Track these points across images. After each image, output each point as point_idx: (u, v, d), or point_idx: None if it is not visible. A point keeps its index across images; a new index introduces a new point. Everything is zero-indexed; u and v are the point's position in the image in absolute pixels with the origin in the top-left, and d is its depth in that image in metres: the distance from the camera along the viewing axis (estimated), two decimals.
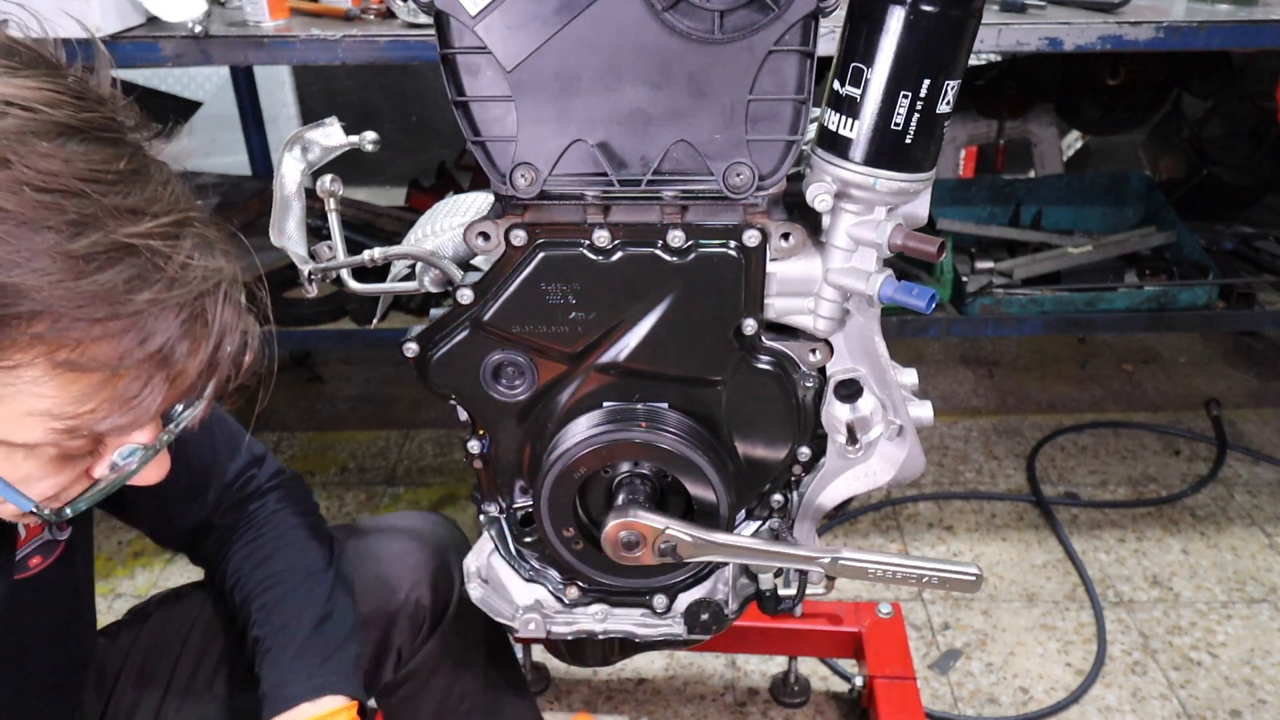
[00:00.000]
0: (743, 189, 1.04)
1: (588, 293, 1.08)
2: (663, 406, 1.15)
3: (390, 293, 1.17)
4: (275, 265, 2.51)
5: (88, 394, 0.76)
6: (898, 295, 1.04)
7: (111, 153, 0.77)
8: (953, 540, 2.41)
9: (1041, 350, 3.26)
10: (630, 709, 1.98)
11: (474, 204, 1.19)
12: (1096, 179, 2.87)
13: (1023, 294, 2.41)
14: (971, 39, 0.98)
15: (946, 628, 2.15)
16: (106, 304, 0.73)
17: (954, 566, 1.13)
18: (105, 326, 0.74)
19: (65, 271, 0.71)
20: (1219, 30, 1.91)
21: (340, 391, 3.07)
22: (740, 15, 0.96)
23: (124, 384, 0.77)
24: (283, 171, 1.07)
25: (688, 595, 1.29)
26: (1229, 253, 2.69)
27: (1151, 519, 2.48)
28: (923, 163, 1.03)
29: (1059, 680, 2.02)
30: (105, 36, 1.85)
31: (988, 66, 3.20)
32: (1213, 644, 2.10)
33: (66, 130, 0.75)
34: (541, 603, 1.29)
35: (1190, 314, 2.44)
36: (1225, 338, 3.29)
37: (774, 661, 2.05)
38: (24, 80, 0.75)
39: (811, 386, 1.15)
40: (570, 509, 1.17)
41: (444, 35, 1.00)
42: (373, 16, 1.97)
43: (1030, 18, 1.93)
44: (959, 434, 2.82)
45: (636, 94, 1.01)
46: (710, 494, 1.14)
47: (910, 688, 1.77)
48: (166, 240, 0.76)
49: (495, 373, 1.13)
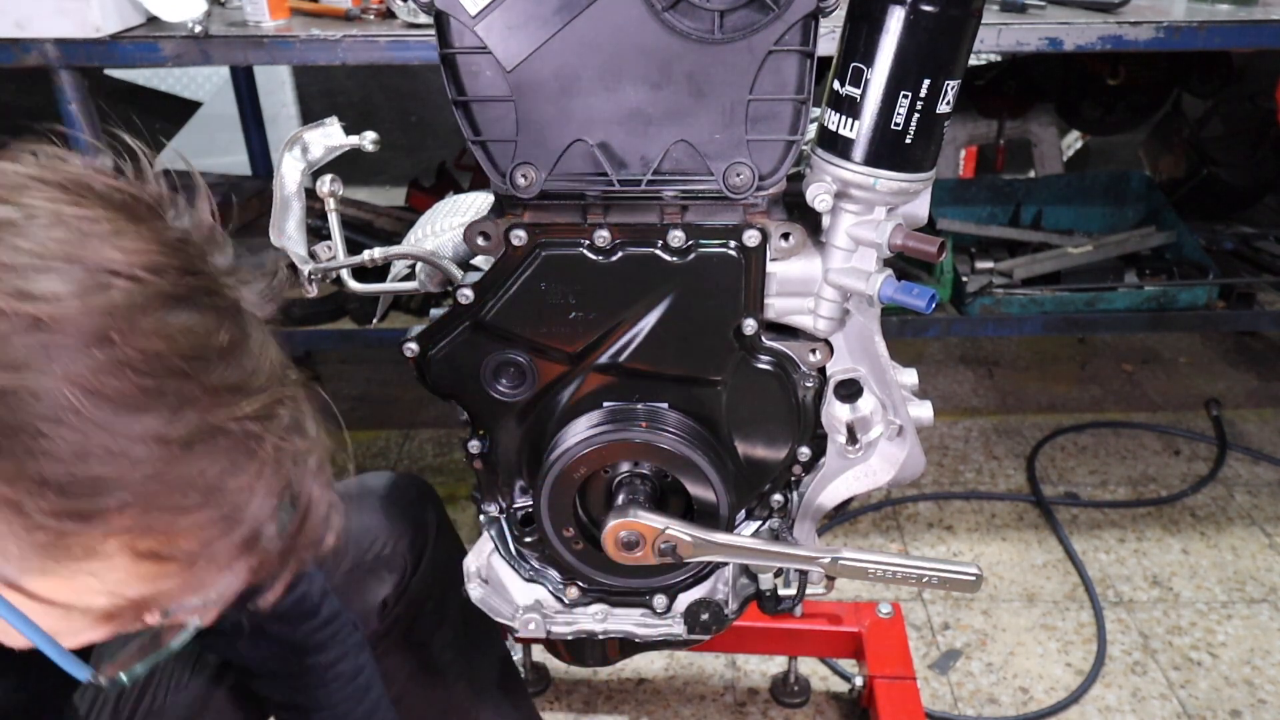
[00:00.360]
0: (743, 189, 1.04)
1: (588, 293, 1.08)
2: (663, 406, 1.15)
3: (390, 293, 1.17)
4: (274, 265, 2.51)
5: (164, 576, 0.72)
6: (898, 295, 1.04)
7: (214, 322, 0.71)
8: (953, 540, 2.41)
9: (1041, 350, 3.26)
10: (630, 709, 1.98)
11: (474, 204, 1.19)
12: (1096, 179, 2.87)
13: (1023, 294, 2.41)
14: (971, 39, 0.98)
15: (946, 628, 2.15)
16: (198, 493, 0.69)
17: (954, 566, 1.13)
18: (194, 516, 0.70)
19: (160, 460, 0.66)
20: (1219, 30, 1.90)
21: (340, 391, 3.07)
22: (740, 15, 0.96)
23: (203, 568, 0.73)
24: (283, 171, 1.07)
25: (688, 595, 1.29)
26: (1229, 253, 2.69)
27: (1151, 519, 2.48)
28: (923, 163, 1.03)
29: (1059, 680, 2.02)
30: (105, 36, 1.85)
31: (988, 66, 3.20)
32: (1213, 644, 2.10)
33: (170, 300, 0.69)
34: (541, 603, 1.29)
35: (1190, 314, 2.44)
36: (1225, 338, 3.28)
37: (774, 661, 2.05)
38: (127, 242, 0.69)
39: (811, 386, 1.15)
40: (570, 509, 1.17)
41: (444, 35, 1.00)
42: (373, 16, 1.97)
43: (1030, 18, 1.93)
44: (959, 434, 2.82)
45: (636, 94, 1.01)
46: (710, 494, 1.14)
47: (910, 688, 1.77)
48: (262, 421, 0.72)
49: (495, 373, 1.13)
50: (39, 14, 1.82)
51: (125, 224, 0.71)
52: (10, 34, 1.83)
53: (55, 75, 1.90)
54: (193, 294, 0.71)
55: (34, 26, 1.83)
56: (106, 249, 0.68)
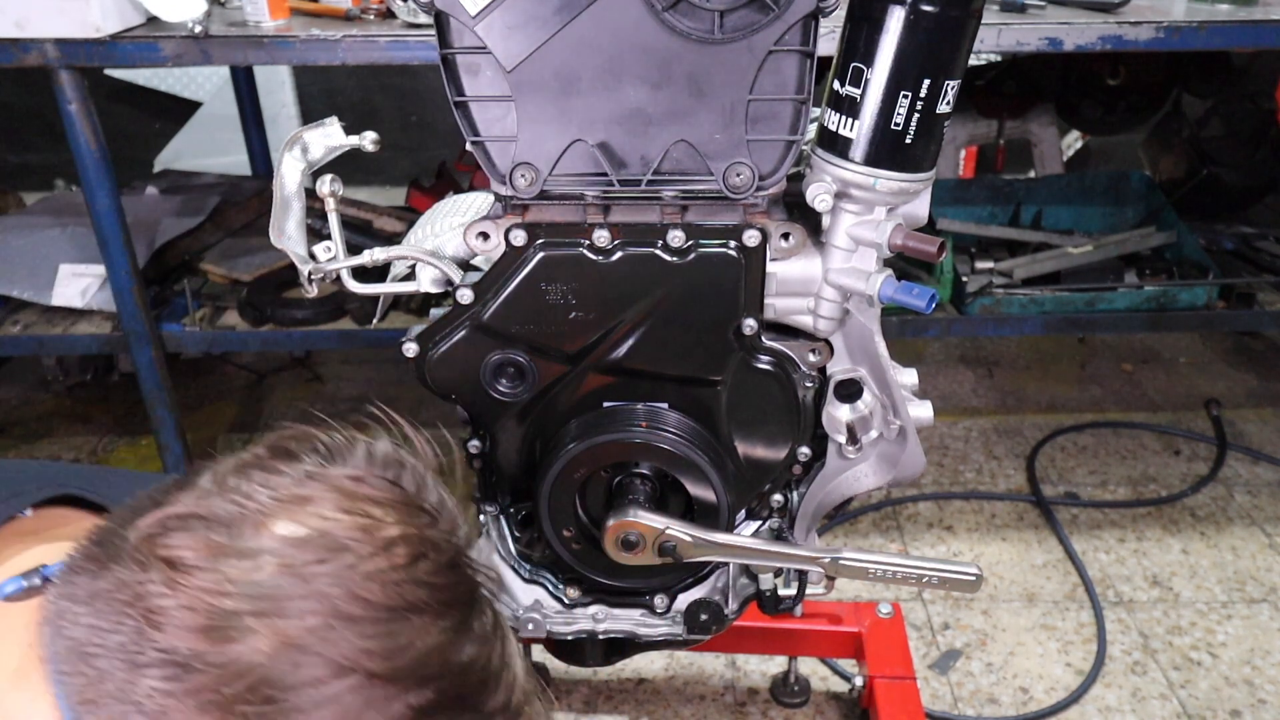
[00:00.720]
0: (743, 189, 1.04)
1: (588, 293, 1.08)
2: (663, 407, 1.15)
3: (390, 293, 1.17)
4: (275, 266, 2.52)
5: None
6: (898, 295, 1.04)
7: (489, 647, 0.72)
8: (953, 540, 2.41)
9: (1041, 350, 3.26)
10: (630, 709, 1.98)
11: (474, 204, 1.19)
12: (1096, 179, 2.87)
13: (1023, 294, 2.41)
14: (971, 39, 0.98)
15: (946, 628, 2.15)
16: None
17: (954, 566, 1.13)
18: None
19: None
20: (1219, 30, 1.90)
21: (340, 391, 3.06)
22: (740, 15, 0.96)
23: None
24: (283, 171, 1.07)
25: (687, 595, 1.29)
26: (1229, 253, 2.69)
27: (1151, 519, 2.47)
28: (923, 163, 1.03)
29: (1059, 680, 2.02)
30: (105, 36, 1.85)
31: (988, 66, 3.19)
32: (1213, 644, 2.10)
33: (459, 637, 0.70)
34: (541, 603, 1.29)
35: (1190, 314, 2.44)
36: (1225, 338, 3.28)
37: (774, 661, 2.05)
38: (417, 586, 0.68)
39: (811, 386, 1.15)
40: (570, 509, 1.17)
41: (444, 35, 1.00)
42: (373, 16, 1.97)
43: (1030, 18, 1.93)
44: (959, 434, 2.82)
45: (636, 94, 1.01)
46: (710, 494, 1.14)
47: (910, 688, 1.77)
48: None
49: (495, 373, 1.13)
50: (39, 14, 1.82)
51: (406, 558, 0.69)
52: (10, 34, 1.83)
53: (55, 75, 1.90)
54: (457, 601, 0.71)
55: (34, 26, 1.83)
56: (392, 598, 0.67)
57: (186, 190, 2.88)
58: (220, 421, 2.90)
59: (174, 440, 2.31)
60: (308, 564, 0.66)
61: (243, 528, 0.68)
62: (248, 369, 3.15)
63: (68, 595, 0.69)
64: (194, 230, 2.63)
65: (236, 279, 2.50)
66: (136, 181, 2.94)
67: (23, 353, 2.56)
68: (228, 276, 2.51)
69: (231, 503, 0.69)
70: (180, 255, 2.58)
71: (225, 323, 2.38)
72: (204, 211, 2.69)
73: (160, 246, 2.49)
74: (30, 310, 2.38)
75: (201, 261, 2.57)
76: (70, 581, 0.70)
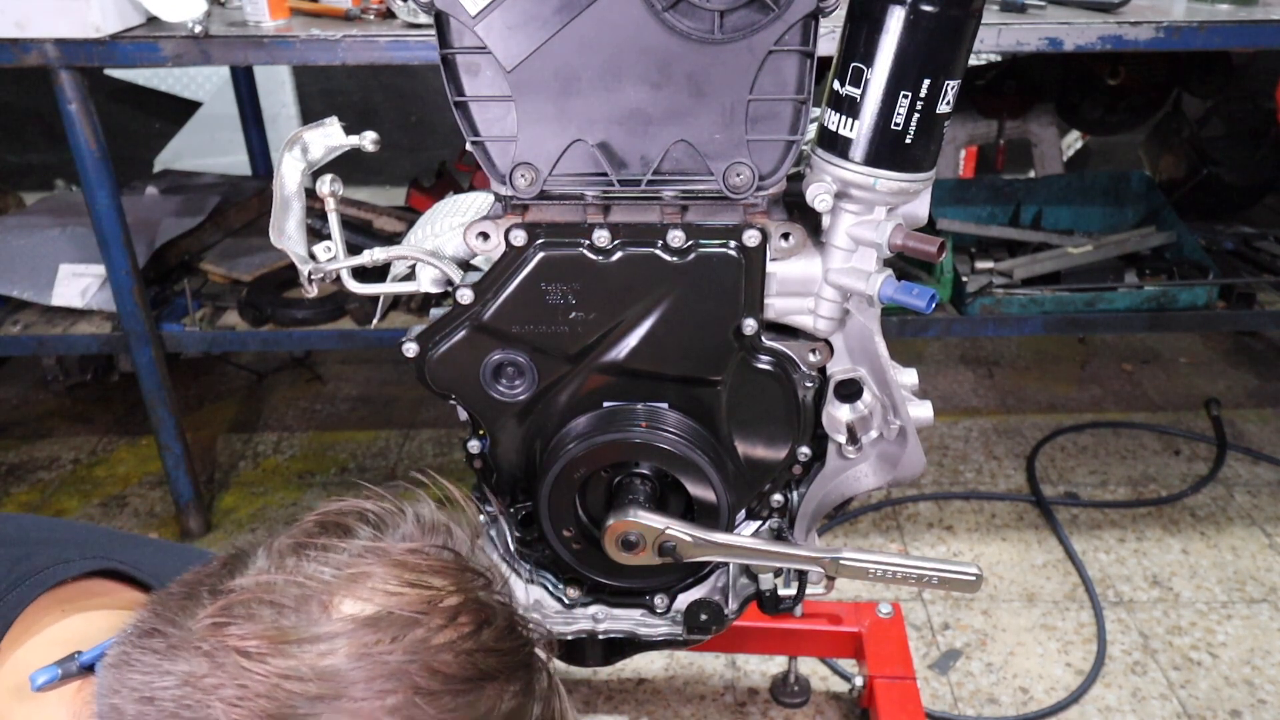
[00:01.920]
0: (743, 189, 1.04)
1: (587, 293, 1.08)
2: (663, 407, 1.15)
3: (390, 293, 1.17)
4: (275, 265, 2.52)
5: None
6: (898, 295, 1.04)
7: (548, 705, 0.73)
8: (953, 540, 2.41)
9: (1041, 350, 3.26)
10: (630, 709, 1.98)
11: (474, 204, 1.19)
12: (1096, 179, 2.87)
13: (1023, 294, 2.41)
14: (971, 39, 0.98)
15: (946, 628, 2.15)
16: None
17: (954, 566, 1.13)
18: None
19: None
20: (1219, 30, 1.90)
21: (340, 391, 3.07)
22: (740, 15, 0.96)
23: None
24: (283, 171, 1.07)
25: (688, 595, 1.29)
26: (1229, 253, 2.69)
27: (1151, 519, 2.47)
28: (923, 163, 1.03)
29: (1059, 680, 2.02)
30: (105, 36, 1.85)
31: (988, 66, 3.19)
32: (1213, 644, 2.10)
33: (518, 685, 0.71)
34: (541, 603, 1.29)
35: (1190, 314, 2.44)
36: (1225, 338, 3.28)
37: (774, 661, 2.05)
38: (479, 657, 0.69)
39: (811, 387, 1.15)
40: (570, 509, 1.17)
41: (444, 35, 1.00)
42: (373, 16, 1.97)
43: (1030, 18, 1.93)
44: (959, 434, 2.82)
45: (636, 94, 1.01)
46: (710, 494, 1.14)
47: (910, 688, 1.77)
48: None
49: (495, 373, 1.13)
50: (39, 14, 1.82)
51: (472, 626, 0.69)
52: (10, 34, 1.83)
53: (55, 75, 1.90)
54: (506, 668, 0.71)
55: (34, 26, 1.83)
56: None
57: (186, 190, 2.88)
58: (220, 421, 2.90)
59: (174, 440, 2.31)
60: (379, 643, 0.66)
61: (309, 610, 0.67)
62: (248, 369, 3.15)
63: (120, 687, 0.68)
64: (194, 230, 2.63)
65: (236, 279, 2.50)
66: (136, 181, 2.94)
67: (23, 353, 2.56)
68: (228, 276, 2.52)
69: (294, 585, 0.68)
70: (180, 255, 2.58)
71: (225, 323, 2.38)
72: (204, 211, 2.69)
73: (160, 246, 2.50)
74: (30, 310, 2.39)
75: (201, 261, 2.58)
76: (123, 675, 0.68)
